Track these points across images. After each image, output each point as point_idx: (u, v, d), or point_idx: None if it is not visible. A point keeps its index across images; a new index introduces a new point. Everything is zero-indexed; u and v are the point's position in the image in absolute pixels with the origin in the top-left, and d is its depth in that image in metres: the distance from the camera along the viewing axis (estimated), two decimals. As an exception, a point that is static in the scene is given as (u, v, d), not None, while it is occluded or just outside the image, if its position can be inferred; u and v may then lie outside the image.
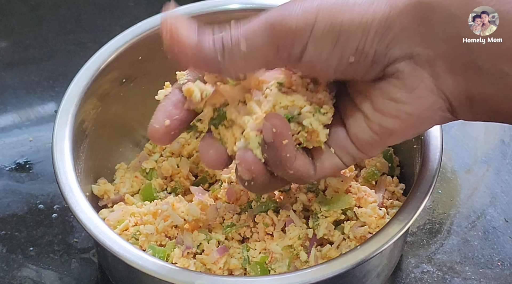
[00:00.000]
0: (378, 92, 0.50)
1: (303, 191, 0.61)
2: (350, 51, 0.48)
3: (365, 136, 0.51)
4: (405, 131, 0.50)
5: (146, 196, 0.66)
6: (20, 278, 0.67)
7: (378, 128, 0.50)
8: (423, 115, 0.49)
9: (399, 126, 0.50)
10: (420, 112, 0.49)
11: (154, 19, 0.69)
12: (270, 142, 0.50)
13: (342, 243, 0.59)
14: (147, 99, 0.71)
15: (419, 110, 0.49)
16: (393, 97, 0.49)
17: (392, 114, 0.49)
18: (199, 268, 0.59)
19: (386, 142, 0.51)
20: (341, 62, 0.48)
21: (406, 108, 0.49)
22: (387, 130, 0.50)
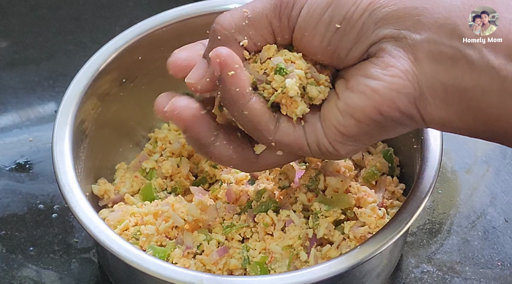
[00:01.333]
0: (355, 71, 0.50)
1: (303, 191, 0.61)
2: (338, 18, 0.49)
3: (331, 117, 0.50)
4: (366, 111, 0.49)
5: (146, 196, 0.66)
6: (20, 278, 0.67)
7: (343, 107, 0.50)
8: (388, 95, 0.48)
9: (361, 104, 0.49)
10: (386, 92, 0.48)
11: (154, 19, 0.69)
12: (218, 75, 0.50)
13: (342, 243, 0.59)
14: (147, 99, 0.71)
15: (385, 88, 0.48)
16: (367, 73, 0.49)
17: (359, 90, 0.49)
18: (199, 269, 0.59)
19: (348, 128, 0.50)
20: (328, 29, 0.49)
21: (374, 84, 0.48)
22: (351, 109, 0.49)
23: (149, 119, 0.73)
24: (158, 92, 0.72)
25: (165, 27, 0.69)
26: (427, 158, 0.59)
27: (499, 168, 0.75)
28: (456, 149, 0.76)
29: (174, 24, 0.69)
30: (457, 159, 0.75)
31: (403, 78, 0.48)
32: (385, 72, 0.48)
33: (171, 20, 0.69)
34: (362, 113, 0.49)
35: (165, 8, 0.69)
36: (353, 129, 0.50)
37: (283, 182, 0.62)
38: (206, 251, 0.59)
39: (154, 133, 0.72)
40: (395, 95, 0.48)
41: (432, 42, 0.47)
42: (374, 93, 0.48)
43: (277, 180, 0.63)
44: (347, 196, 0.60)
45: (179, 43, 0.70)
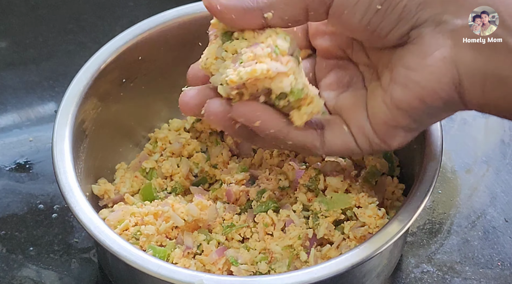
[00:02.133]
0: (395, 60, 0.49)
1: (303, 191, 0.61)
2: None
3: (380, 111, 0.51)
4: (411, 103, 0.49)
5: (146, 196, 0.66)
6: (20, 278, 0.67)
7: (389, 100, 0.50)
8: (429, 86, 0.48)
9: (406, 97, 0.49)
10: (427, 82, 0.48)
11: (154, 19, 0.69)
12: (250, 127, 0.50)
13: (342, 243, 0.59)
14: (147, 99, 0.72)
15: (426, 79, 0.48)
16: (407, 63, 0.49)
17: (402, 82, 0.49)
18: (199, 269, 0.59)
19: (398, 120, 0.50)
20: (369, 9, 0.48)
21: (414, 76, 0.48)
22: (396, 102, 0.49)
23: (149, 119, 0.73)
24: (158, 92, 0.72)
25: (165, 27, 0.69)
26: (427, 157, 0.59)
27: (499, 168, 0.75)
28: (456, 149, 0.76)
29: (174, 24, 0.69)
30: (457, 159, 0.75)
31: (442, 67, 0.48)
32: (424, 62, 0.48)
33: (171, 20, 0.69)
34: (408, 105, 0.49)
35: (165, 8, 0.69)
36: (403, 120, 0.50)
37: (283, 182, 0.62)
38: (206, 251, 0.59)
39: (154, 133, 0.72)
40: (436, 85, 0.48)
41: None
42: (415, 85, 0.48)
43: (277, 180, 0.63)
44: (347, 196, 0.60)
45: (179, 43, 0.70)
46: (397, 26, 0.48)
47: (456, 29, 0.47)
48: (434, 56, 0.47)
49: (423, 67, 0.48)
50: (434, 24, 0.48)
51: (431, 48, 0.48)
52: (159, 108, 0.73)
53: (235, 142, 0.71)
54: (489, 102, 0.49)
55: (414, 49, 0.48)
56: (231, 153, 0.71)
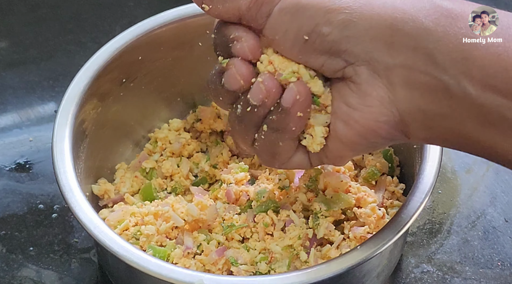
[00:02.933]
0: (336, 94, 0.49)
1: (303, 191, 0.61)
2: (306, 28, 0.47)
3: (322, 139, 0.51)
4: (352, 139, 0.49)
5: (146, 196, 0.67)
6: (20, 278, 0.67)
7: (333, 134, 0.50)
8: (368, 126, 0.48)
9: (347, 133, 0.49)
10: (366, 122, 0.48)
11: (154, 19, 0.69)
12: (287, 107, 0.49)
13: (342, 243, 0.59)
14: (147, 99, 0.72)
15: (365, 120, 0.48)
16: (347, 101, 0.48)
17: (343, 119, 0.49)
18: (199, 269, 0.59)
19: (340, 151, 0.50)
20: (297, 38, 0.47)
21: (355, 115, 0.48)
22: (338, 136, 0.49)
23: (149, 119, 0.73)
24: (158, 92, 0.72)
25: (165, 27, 0.69)
26: (427, 158, 0.59)
27: (499, 168, 0.75)
28: (456, 148, 0.76)
29: (174, 24, 0.69)
30: (457, 159, 0.75)
31: (380, 107, 0.47)
32: (363, 102, 0.47)
33: (171, 20, 0.69)
34: (349, 140, 0.49)
35: (165, 8, 0.69)
36: (346, 152, 0.51)
37: (283, 182, 0.62)
38: (205, 251, 0.59)
39: (154, 133, 0.72)
40: (375, 124, 0.48)
41: (406, 67, 0.46)
42: (356, 123, 0.48)
43: (277, 180, 0.63)
44: (347, 196, 0.60)
45: (179, 43, 0.70)
46: (329, 59, 0.48)
47: (388, 68, 0.46)
48: (372, 96, 0.47)
49: (362, 107, 0.47)
50: (367, 62, 0.47)
51: (369, 88, 0.47)
52: (159, 108, 0.73)
53: (235, 142, 0.71)
54: (436, 136, 0.48)
55: (353, 87, 0.48)
56: (231, 153, 0.71)
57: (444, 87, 0.45)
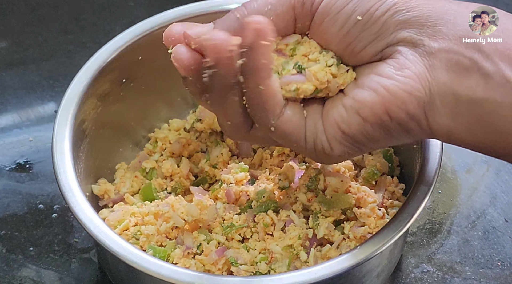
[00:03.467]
0: (367, 70, 0.50)
1: (303, 191, 0.61)
2: (361, 10, 0.49)
3: (334, 113, 0.50)
4: (373, 108, 0.48)
5: (146, 196, 0.67)
6: (20, 278, 0.67)
7: (350, 103, 0.49)
8: (399, 95, 0.48)
9: (371, 100, 0.48)
10: (398, 91, 0.48)
11: (154, 19, 0.69)
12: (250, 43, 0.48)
13: (342, 243, 0.59)
14: (147, 99, 0.72)
15: (397, 87, 0.48)
16: (380, 71, 0.49)
17: (371, 87, 0.49)
18: (199, 269, 0.59)
19: (351, 126, 0.49)
20: (349, 19, 0.49)
21: (387, 83, 0.48)
22: (358, 104, 0.49)
23: (149, 119, 0.73)
24: (158, 92, 0.72)
25: (165, 27, 0.68)
26: (427, 158, 0.59)
27: (499, 168, 0.75)
28: (456, 149, 0.75)
29: (174, 24, 0.69)
30: (457, 159, 0.75)
31: (416, 81, 0.48)
32: (399, 72, 0.48)
33: (171, 20, 0.69)
34: (369, 111, 0.49)
35: (165, 8, 0.69)
36: (355, 128, 0.49)
37: (283, 182, 0.62)
38: (205, 251, 0.59)
39: (154, 133, 0.72)
40: (406, 96, 0.48)
41: (450, 51, 0.47)
42: (385, 91, 0.48)
43: (277, 180, 0.63)
44: (347, 196, 0.60)
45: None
46: (374, 41, 0.49)
47: (432, 51, 0.48)
48: (411, 69, 0.48)
49: (397, 76, 0.48)
50: (411, 44, 0.48)
51: (408, 63, 0.48)
52: (159, 108, 0.73)
53: (235, 142, 0.71)
54: (461, 126, 0.48)
55: (390, 62, 0.49)
56: (231, 153, 0.71)
57: (483, 73, 0.47)
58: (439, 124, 0.49)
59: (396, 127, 0.49)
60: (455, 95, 0.48)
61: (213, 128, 0.72)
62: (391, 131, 0.49)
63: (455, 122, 0.48)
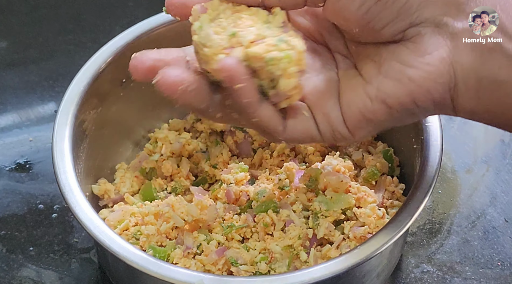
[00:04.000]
0: (388, 54, 0.49)
1: (303, 191, 0.61)
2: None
3: (359, 101, 0.49)
4: (400, 99, 0.48)
5: (146, 196, 0.67)
6: (20, 278, 0.67)
7: (375, 93, 0.48)
8: (424, 84, 0.47)
9: (396, 92, 0.48)
10: (423, 80, 0.47)
11: (154, 19, 0.69)
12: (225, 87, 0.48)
13: (342, 243, 0.59)
14: (147, 99, 0.71)
15: (422, 77, 0.47)
16: (402, 59, 0.48)
17: (395, 77, 0.48)
18: (199, 269, 0.59)
19: (376, 114, 0.49)
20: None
21: (411, 72, 0.47)
22: (383, 95, 0.48)
23: (149, 119, 0.73)
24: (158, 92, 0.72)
25: (165, 27, 0.69)
26: (427, 158, 0.59)
27: (499, 168, 0.75)
28: (456, 149, 0.76)
29: (174, 24, 0.69)
30: (457, 159, 0.75)
31: (440, 67, 0.47)
32: (422, 60, 0.47)
33: (171, 20, 0.69)
34: (396, 101, 0.48)
35: (165, 8, 0.69)
36: (382, 116, 0.49)
37: (283, 182, 0.62)
38: (205, 251, 0.59)
39: (154, 133, 0.72)
40: (432, 85, 0.47)
41: (472, 31, 0.47)
42: (410, 82, 0.47)
43: (277, 180, 0.63)
44: (347, 196, 0.60)
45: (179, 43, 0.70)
46: (395, 20, 0.48)
47: (456, 31, 0.47)
48: (433, 55, 0.47)
49: (420, 64, 0.47)
50: (434, 25, 0.47)
51: (430, 47, 0.47)
52: (159, 108, 0.73)
53: (235, 142, 0.71)
54: (482, 107, 0.48)
55: (412, 46, 0.48)
56: (231, 153, 0.71)
57: (507, 54, 0.46)
58: (463, 106, 0.48)
59: (422, 111, 0.49)
60: (478, 76, 0.47)
61: (213, 128, 0.72)
62: (416, 114, 0.49)
63: (479, 104, 0.48)
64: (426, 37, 0.48)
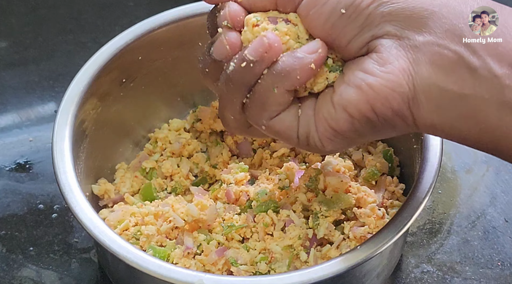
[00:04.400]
0: (353, 65, 0.49)
1: (303, 191, 0.61)
2: (345, 2, 0.48)
3: (324, 111, 0.50)
4: (359, 106, 0.48)
5: (146, 196, 0.67)
6: (20, 278, 0.67)
7: (337, 100, 0.49)
8: (382, 92, 0.47)
9: (356, 98, 0.48)
10: (381, 88, 0.47)
11: (154, 19, 0.69)
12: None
13: (342, 243, 0.59)
14: (147, 99, 0.72)
15: (381, 85, 0.47)
16: (365, 68, 0.48)
17: (356, 84, 0.48)
18: (199, 269, 0.59)
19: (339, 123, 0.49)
20: (334, 12, 0.48)
21: (371, 80, 0.48)
22: (344, 102, 0.48)
23: (149, 119, 0.73)
24: (158, 92, 0.72)
25: (165, 27, 0.69)
26: (427, 158, 0.59)
27: (499, 168, 0.75)
28: (456, 149, 0.76)
29: (174, 24, 0.69)
30: (457, 159, 0.75)
31: (399, 76, 0.47)
32: (383, 68, 0.48)
33: (171, 20, 0.69)
34: (355, 108, 0.48)
35: (165, 8, 0.69)
36: (344, 125, 0.49)
37: (283, 182, 0.62)
38: (205, 251, 0.59)
39: (154, 133, 0.72)
40: (390, 93, 0.48)
41: (435, 45, 0.47)
42: (369, 88, 0.48)
43: (277, 180, 0.63)
44: (347, 196, 0.60)
45: (179, 43, 0.70)
46: (359, 34, 0.48)
47: (417, 45, 0.47)
48: (394, 65, 0.47)
49: (381, 73, 0.48)
50: (396, 37, 0.48)
51: (391, 58, 0.48)
52: (159, 108, 0.73)
53: (235, 142, 0.71)
54: (444, 121, 0.48)
55: (375, 57, 0.48)
56: (231, 153, 0.71)
57: (471, 68, 0.46)
58: (424, 119, 0.48)
59: (382, 123, 0.49)
60: (440, 90, 0.47)
61: (213, 128, 0.72)
62: (378, 127, 0.49)
63: (440, 117, 0.48)
64: (388, 48, 0.48)
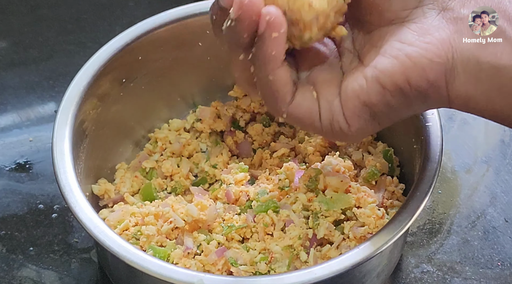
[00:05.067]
0: (391, 36, 0.49)
1: (303, 191, 0.61)
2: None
3: (354, 86, 0.49)
4: (393, 76, 0.47)
5: (146, 196, 0.67)
6: (20, 278, 0.67)
7: (370, 72, 0.48)
8: (421, 62, 0.47)
9: (391, 68, 0.48)
10: (420, 58, 0.47)
11: (154, 19, 0.69)
12: (261, 33, 0.48)
13: (342, 243, 0.59)
14: (147, 99, 0.72)
15: (419, 54, 0.47)
16: (403, 38, 0.48)
17: (392, 54, 0.48)
18: (199, 269, 0.59)
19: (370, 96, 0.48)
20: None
21: (409, 49, 0.47)
22: (378, 73, 0.48)
23: (149, 119, 0.73)
24: (158, 92, 0.72)
25: (165, 27, 0.69)
26: (427, 158, 0.59)
27: (499, 168, 0.75)
28: (456, 149, 0.76)
29: (174, 24, 0.69)
30: (457, 159, 0.75)
31: (438, 47, 0.47)
32: (422, 38, 0.48)
33: (171, 20, 0.69)
34: (389, 79, 0.48)
35: (165, 8, 0.69)
36: (375, 98, 0.49)
37: (283, 182, 0.62)
38: (205, 251, 0.59)
39: (154, 133, 0.72)
40: (427, 63, 0.47)
41: None
42: (406, 58, 0.47)
43: (277, 180, 0.63)
44: (347, 196, 0.60)
45: (179, 43, 0.70)
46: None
47: (460, 17, 0.48)
48: (434, 36, 0.47)
49: (420, 43, 0.47)
50: (440, 8, 0.48)
51: (432, 28, 0.48)
52: (159, 108, 0.73)
53: (235, 142, 0.71)
54: (480, 92, 0.48)
55: (414, 27, 0.48)
56: (231, 153, 0.71)
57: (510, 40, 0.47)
58: (458, 91, 0.48)
59: (415, 95, 0.49)
60: (478, 61, 0.47)
61: (213, 128, 0.72)
62: (410, 99, 0.49)
63: (476, 90, 0.48)
64: (430, 19, 0.48)
